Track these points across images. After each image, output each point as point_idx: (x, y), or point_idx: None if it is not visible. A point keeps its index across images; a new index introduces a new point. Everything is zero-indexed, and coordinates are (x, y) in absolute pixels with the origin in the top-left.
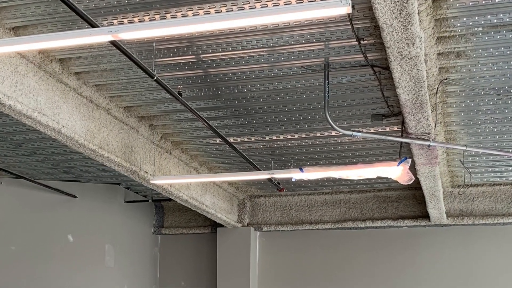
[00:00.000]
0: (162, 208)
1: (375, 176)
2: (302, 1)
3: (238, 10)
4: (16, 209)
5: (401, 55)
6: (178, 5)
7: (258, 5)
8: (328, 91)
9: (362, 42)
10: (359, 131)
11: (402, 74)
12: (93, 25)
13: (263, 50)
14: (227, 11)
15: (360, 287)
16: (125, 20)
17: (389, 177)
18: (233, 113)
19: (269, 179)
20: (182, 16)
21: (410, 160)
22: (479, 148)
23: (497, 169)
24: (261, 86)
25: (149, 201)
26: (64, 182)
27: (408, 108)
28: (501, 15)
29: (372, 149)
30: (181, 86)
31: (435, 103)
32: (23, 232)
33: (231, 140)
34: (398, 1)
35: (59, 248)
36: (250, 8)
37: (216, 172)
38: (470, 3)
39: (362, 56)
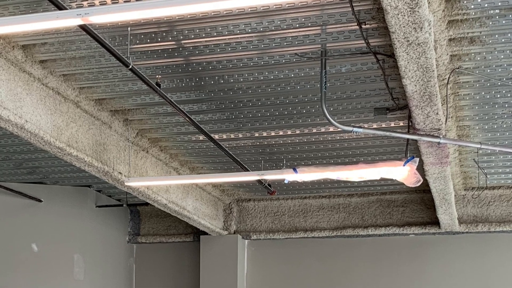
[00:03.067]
0: (138, 213)
1: (378, 178)
2: None
3: None
4: None
5: (408, 41)
6: None
7: None
8: (325, 82)
9: (363, 26)
10: (360, 127)
11: (408, 62)
12: (60, 7)
13: (252, 36)
14: None
15: None
16: (97, 2)
17: (394, 178)
18: (218, 106)
19: (259, 181)
20: None
21: (417, 159)
22: (495, 146)
23: None
24: (250, 76)
25: (124, 205)
26: (27, 184)
27: (415, 101)
28: None
29: (375, 147)
30: (160, 76)
31: (446, 95)
32: None
33: (216, 136)
34: None
35: (22, 258)
36: None
37: (199, 173)
38: None
39: (363, 42)
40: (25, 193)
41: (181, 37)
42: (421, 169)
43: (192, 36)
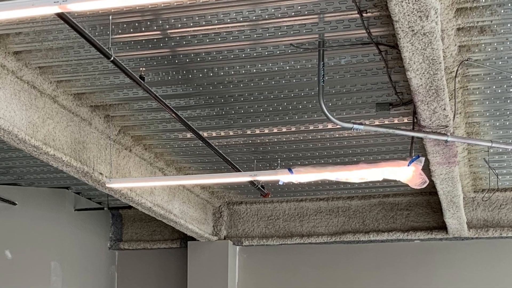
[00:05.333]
0: (120, 217)
1: (380, 179)
2: None
3: None
4: None
5: (413, 30)
6: None
7: None
8: (323, 75)
9: (364, 14)
10: (361, 124)
11: (413, 53)
12: None
13: (243, 25)
14: None
15: None
16: None
17: (397, 179)
18: (207, 101)
19: (251, 182)
20: None
21: (423, 159)
22: (507, 144)
23: None
24: (242, 69)
25: (105, 209)
26: (0, 186)
27: (421, 96)
28: None
29: (377, 145)
30: (144, 69)
31: (454, 89)
32: None
33: (205, 134)
34: None
35: None
36: None
37: (187, 174)
38: None
39: (364, 32)
40: None
41: (167, 26)
42: (427, 169)
43: (179, 26)
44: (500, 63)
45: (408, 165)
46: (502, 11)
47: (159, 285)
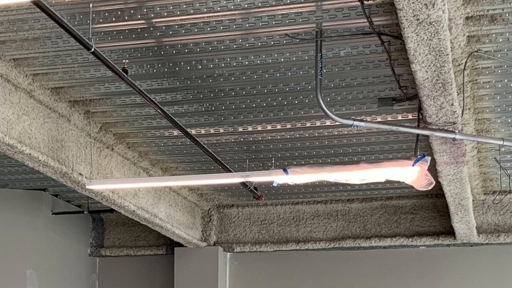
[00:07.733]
0: (102, 221)
1: (383, 180)
2: None
3: None
4: None
5: (418, 19)
6: None
7: None
8: (321, 68)
9: (365, 2)
10: (362, 120)
11: (418, 44)
12: None
13: (235, 13)
14: None
15: None
16: None
17: (401, 180)
18: (196, 96)
19: (243, 184)
20: None
21: (429, 158)
22: None
23: None
24: (233, 61)
25: (85, 212)
26: None
27: (426, 90)
28: None
29: (379, 143)
30: (127, 61)
31: (463, 83)
32: None
33: (193, 132)
34: None
35: None
36: None
37: (173, 175)
38: None
39: (365, 21)
40: None
41: (152, 15)
42: (433, 169)
43: (165, 14)
44: None
45: (413, 165)
46: None
47: None
